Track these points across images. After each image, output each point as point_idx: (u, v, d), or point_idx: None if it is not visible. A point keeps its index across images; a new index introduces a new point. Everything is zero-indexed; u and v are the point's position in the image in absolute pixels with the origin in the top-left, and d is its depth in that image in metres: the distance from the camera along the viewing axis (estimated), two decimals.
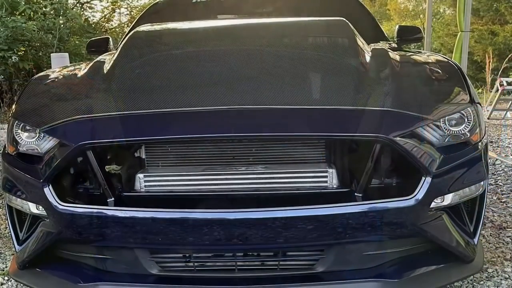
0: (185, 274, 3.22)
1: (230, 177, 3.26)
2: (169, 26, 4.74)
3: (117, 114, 3.15)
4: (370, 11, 6.28)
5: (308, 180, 3.26)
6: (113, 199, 3.15)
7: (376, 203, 2.99)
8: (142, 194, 3.29)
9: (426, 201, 3.02)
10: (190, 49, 4.16)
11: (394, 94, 3.20)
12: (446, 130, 3.13)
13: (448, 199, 3.12)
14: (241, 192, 3.24)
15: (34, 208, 3.24)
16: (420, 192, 2.99)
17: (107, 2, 20.94)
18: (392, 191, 3.17)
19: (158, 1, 6.80)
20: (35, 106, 3.54)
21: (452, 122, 3.16)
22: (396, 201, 2.99)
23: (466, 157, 3.16)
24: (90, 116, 3.15)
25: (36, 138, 3.26)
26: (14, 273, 3.44)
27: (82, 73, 3.76)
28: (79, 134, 3.08)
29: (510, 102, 12.78)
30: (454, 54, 10.46)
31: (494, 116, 12.98)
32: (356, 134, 3.02)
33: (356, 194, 3.10)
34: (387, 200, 3.00)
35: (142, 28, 4.59)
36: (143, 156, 3.48)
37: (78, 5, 19.53)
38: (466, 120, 3.19)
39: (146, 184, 3.29)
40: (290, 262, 3.22)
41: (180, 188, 3.28)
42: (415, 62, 4.01)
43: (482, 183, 3.28)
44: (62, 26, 16.46)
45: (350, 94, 3.21)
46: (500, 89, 12.47)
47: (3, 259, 4.16)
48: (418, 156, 2.99)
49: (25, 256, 3.32)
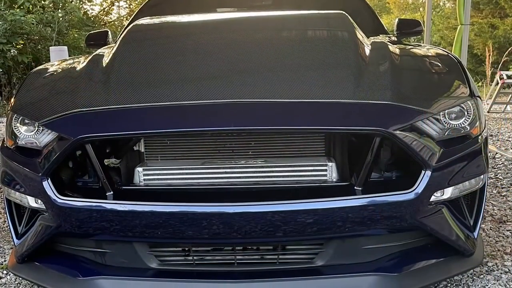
0: (184, 268, 3.22)
1: (229, 170, 3.26)
2: (168, 19, 4.72)
3: (116, 107, 3.14)
4: (370, 4, 6.27)
5: (307, 173, 3.26)
6: (112, 193, 3.14)
7: (375, 197, 2.98)
8: (141, 187, 3.29)
9: (426, 194, 3.01)
10: (189, 42, 4.15)
11: (393, 87, 3.19)
12: (446, 123, 3.12)
13: (448, 193, 3.11)
14: (240, 185, 3.24)
15: (33, 201, 3.23)
16: (420, 185, 2.99)
17: None
18: (391, 185, 3.16)
19: None
20: (34, 99, 3.54)
21: (452, 115, 3.15)
22: (395, 194, 2.98)
23: (466, 150, 3.15)
24: (89, 109, 3.14)
25: (35, 131, 3.25)
26: (12, 267, 3.43)
27: (81, 66, 3.74)
28: (78, 128, 3.07)
29: (510, 95, 12.76)
30: (454, 47, 10.44)
31: (494, 109, 12.97)
32: (355, 128, 3.02)
33: (355, 187, 3.09)
34: (387, 193, 2.99)
35: (141, 21, 4.58)
36: (142, 149, 3.48)
37: None
38: (466, 113, 3.18)
39: (145, 177, 3.29)
40: (290, 256, 3.22)
41: (179, 181, 3.28)
42: (415, 56, 4.00)
43: (482, 177, 3.28)
44: (61, 19, 16.43)
45: (349, 87, 3.20)
46: (500, 82, 12.45)
47: (2, 253, 4.15)
48: (418, 149, 2.99)
49: (23, 250, 3.31)
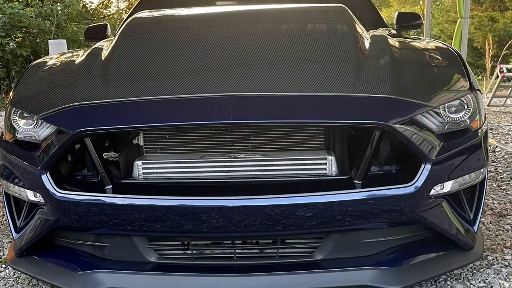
0: (183, 262, 3.23)
1: (229, 164, 3.26)
2: (167, 12, 4.71)
3: (115, 101, 3.14)
4: None
5: (307, 167, 3.26)
6: (111, 187, 3.14)
7: (375, 190, 2.98)
8: (140, 181, 3.28)
9: (426, 188, 3.01)
10: (188, 35, 4.14)
11: (393, 81, 3.19)
12: (445, 117, 3.12)
13: (447, 187, 3.11)
14: (239, 179, 3.24)
15: (31, 195, 3.23)
16: (419, 179, 2.98)
17: None
18: (391, 178, 3.15)
19: None
20: (33, 93, 3.53)
21: (451, 109, 3.15)
22: (395, 188, 2.98)
23: (466, 144, 3.15)
24: (88, 103, 3.13)
25: (33, 125, 3.24)
26: (11, 261, 3.43)
27: (80, 59, 3.73)
28: (77, 121, 3.06)
29: (510, 89, 12.74)
30: (453, 40, 10.43)
31: (494, 103, 12.95)
32: (355, 121, 3.01)
33: (355, 181, 3.09)
34: (387, 187, 2.99)
35: (140, 14, 4.57)
36: (141, 143, 3.47)
37: None
38: (466, 107, 3.17)
39: (144, 171, 3.29)
40: (289, 250, 3.22)
41: (178, 175, 3.28)
42: (415, 49, 4.00)
43: (482, 170, 3.27)
44: (60, 12, 16.41)
45: (349, 80, 3.19)
46: (500, 76, 12.43)
47: (1, 247, 4.15)
48: (418, 143, 2.98)
49: (22, 243, 3.31)
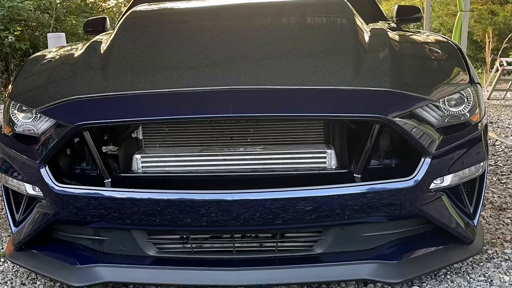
0: (182, 256, 3.22)
1: (228, 158, 3.25)
2: (166, 5, 4.71)
3: (114, 94, 3.13)
4: None
5: (306, 161, 3.25)
6: (110, 180, 3.14)
7: (375, 184, 2.98)
8: (139, 175, 3.28)
9: (426, 182, 3.01)
10: (187, 29, 4.14)
11: (393, 74, 3.18)
12: (445, 110, 3.11)
13: (447, 180, 3.10)
14: (239, 173, 3.23)
15: (30, 189, 3.22)
16: (419, 173, 2.98)
17: None
18: (391, 172, 3.15)
19: None
20: (32, 86, 3.52)
21: (451, 102, 3.14)
22: (395, 182, 2.98)
23: (466, 137, 3.14)
24: (87, 96, 3.13)
25: (32, 118, 3.23)
26: (10, 254, 3.43)
27: (79, 53, 3.73)
28: (76, 115, 3.06)
29: (510, 82, 12.72)
30: (453, 34, 10.40)
31: (494, 96, 12.92)
32: (355, 115, 3.01)
33: (355, 175, 3.08)
34: (386, 181, 2.99)
35: (139, 7, 4.57)
36: (140, 136, 3.47)
37: None
38: (466, 100, 3.17)
39: (143, 165, 3.28)
40: (289, 244, 3.22)
41: (177, 169, 3.27)
42: (414, 42, 3.99)
43: (482, 164, 3.27)
44: (58, 5, 16.40)
45: (349, 74, 3.19)
46: (500, 69, 12.40)
47: None
48: (417, 136, 2.98)
49: (21, 237, 3.31)
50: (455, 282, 3.25)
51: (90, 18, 6.15)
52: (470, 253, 3.30)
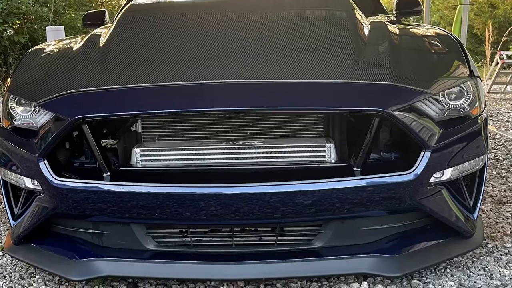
0: (181, 250, 3.22)
1: (227, 151, 3.25)
2: None
3: (113, 88, 3.13)
4: None
5: (306, 154, 3.25)
6: (109, 174, 3.13)
7: (374, 178, 2.97)
8: (138, 168, 3.27)
9: (425, 175, 3.00)
10: (186, 22, 4.13)
11: (393, 67, 3.18)
12: (445, 104, 3.10)
13: (447, 174, 3.10)
14: (238, 166, 3.23)
15: (29, 182, 3.22)
16: (419, 166, 2.97)
17: None
18: (391, 166, 3.15)
19: None
20: (30, 79, 3.52)
21: (451, 96, 3.13)
22: (395, 175, 2.97)
23: (466, 131, 3.14)
24: (85, 90, 3.13)
25: (31, 112, 3.22)
26: (9, 248, 3.42)
27: (78, 46, 3.72)
28: (75, 108, 3.06)
29: (510, 75, 12.71)
30: (453, 27, 10.39)
31: (494, 90, 12.92)
32: (354, 108, 3.01)
33: (354, 168, 3.08)
34: (386, 174, 2.98)
35: (138, 1, 4.57)
36: (140, 130, 3.46)
37: None
38: (466, 94, 3.16)
39: (143, 158, 3.28)
40: (288, 238, 3.22)
41: (176, 162, 3.27)
42: (414, 36, 3.98)
43: (481, 158, 3.26)
44: None
45: (348, 67, 3.19)
46: (500, 62, 12.39)
47: None
48: (417, 130, 2.97)
49: (20, 231, 3.30)
50: (455, 276, 3.24)
51: (89, 12, 6.14)
52: (470, 247, 3.30)
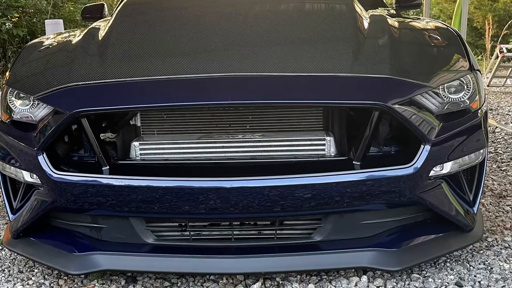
0: (180, 243, 3.21)
1: (226, 145, 3.25)
2: None
3: (112, 81, 3.13)
4: None
5: (305, 148, 3.25)
6: (108, 167, 3.13)
7: (374, 171, 2.97)
8: (138, 162, 3.27)
9: (425, 169, 3.00)
10: (185, 15, 4.14)
11: (392, 61, 3.17)
12: (445, 97, 3.10)
13: (447, 168, 3.09)
14: (237, 160, 3.23)
15: (28, 176, 3.21)
16: (419, 160, 2.97)
17: None
18: (390, 159, 3.15)
19: None
20: (29, 73, 3.51)
21: (451, 89, 3.13)
22: (394, 169, 2.97)
23: (466, 125, 3.13)
24: (85, 83, 3.12)
25: (30, 105, 3.22)
26: (7, 242, 3.42)
27: (77, 40, 3.71)
28: (74, 102, 3.05)
29: (510, 69, 12.71)
30: (453, 20, 10.41)
31: (493, 83, 12.92)
32: (354, 102, 3.01)
33: (354, 162, 3.08)
34: (386, 168, 2.98)
35: None
36: (139, 124, 3.46)
37: None
38: (466, 87, 3.15)
39: (142, 152, 3.27)
40: (287, 232, 3.21)
41: (176, 156, 3.27)
42: (414, 29, 3.97)
43: (481, 151, 3.26)
44: None
45: (348, 61, 3.18)
46: (500, 56, 12.40)
47: None
48: (417, 123, 2.96)
49: (19, 225, 3.29)
50: (455, 270, 3.24)
51: (88, 5, 6.12)
52: (470, 240, 3.29)
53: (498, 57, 12.58)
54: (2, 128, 3.36)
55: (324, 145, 3.23)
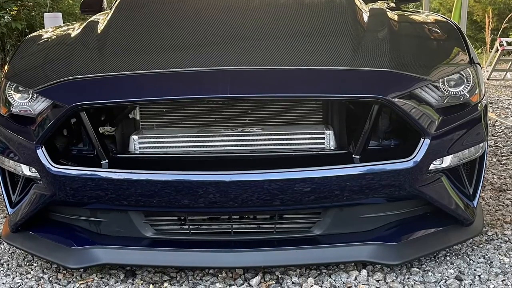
0: (180, 237, 3.21)
1: (226, 138, 3.24)
2: None
3: (111, 75, 3.12)
4: None
5: (305, 141, 3.24)
6: (107, 161, 3.12)
7: (374, 165, 2.96)
8: (137, 155, 3.26)
9: (425, 163, 2.99)
10: (185, 8, 4.13)
11: (392, 54, 3.17)
12: (445, 91, 3.09)
13: (447, 161, 3.09)
14: (237, 153, 3.22)
15: (27, 170, 3.20)
16: (418, 154, 2.96)
17: None
18: (390, 153, 3.14)
19: None
20: (28, 66, 3.50)
21: (451, 83, 3.12)
22: (394, 163, 2.96)
23: (466, 118, 3.13)
24: (83, 77, 3.12)
25: (29, 99, 3.21)
26: (6, 236, 3.41)
27: (76, 33, 3.70)
28: (73, 95, 3.04)
29: (510, 62, 12.71)
30: (453, 13, 10.38)
31: (493, 76, 12.92)
32: (353, 95, 3.00)
33: (353, 156, 3.07)
34: (385, 162, 2.97)
35: None
36: (138, 117, 3.45)
37: None
38: (466, 80, 3.14)
39: (141, 145, 3.27)
40: (287, 225, 3.21)
41: (175, 149, 3.26)
42: (414, 22, 3.97)
43: (481, 145, 3.25)
44: None
45: (347, 54, 3.18)
46: (500, 49, 12.39)
47: None
48: (417, 117, 2.96)
49: (17, 219, 3.29)
50: (455, 264, 3.23)
51: None
52: (470, 234, 3.29)
53: (498, 50, 12.58)
54: (1, 121, 3.35)
55: (323, 138, 3.23)
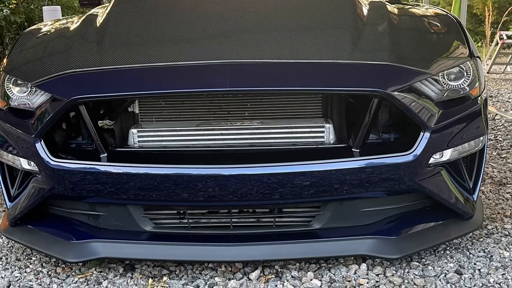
0: (179, 231, 3.20)
1: (225, 132, 3.24)
2: None
3: (110, 68, 3.12)
4: None
5: (304, 135, 3.24)
6: (106, 155, 3.12)
7: (373, 159, 2.96)
8: (136, 149, 3.26)
9: (425, 156, 2.99)
10: (184, 1, 4.12)
11: (392, 48, 3.17)
12: (445, 84, 3.08)
13: (447, 155, 3.08)
14: (236, 147, 3.21)
15: (25, 163, 3.20)
16: (418, 147, 2.96)
17: None
18: (390, 147, 3.14)
19: None
20: (27, 60, 3.49)
21: (451, 76, 3.11)
22: (394, 156, 2.96)
23: (465, 112, 3.12)
24: (82, 70, 3.11)
25: (28, 92, 3.20)
26: (5, 230, 3.40)
27: (75, 26, 3.70)
28: (72, 89, 3.04)
29: (510, 56, 12.71)
30: (453, 7, 10.36)
31: (493, 70, 12.92)
32: (353, 89, 3.00)
33: (353, 149, 3.07)
34: (385, 155, 2.97)
35: None
36: (137, 111, 3.45)
37: None
38: (465, 74, 3.14)
39: (140, 139, 3.26)
40: (286, 219, 3.21)
41: (174, 143, 3.25)
42: (414, 16, 3.96)
43: (481, 139, 3.25)
44: None
45: (347, 48, 3.18)
46: (500, 42, 12.38)
47: None
48: (417, 111, 2.95)
49: (16, 212, 3.28)
50: (455, 258, 3.23)
51: None
52: (470, 228, 3.29)
53: (498, 43, 12.56)
54: None
55: (323, 132, 3.22)
